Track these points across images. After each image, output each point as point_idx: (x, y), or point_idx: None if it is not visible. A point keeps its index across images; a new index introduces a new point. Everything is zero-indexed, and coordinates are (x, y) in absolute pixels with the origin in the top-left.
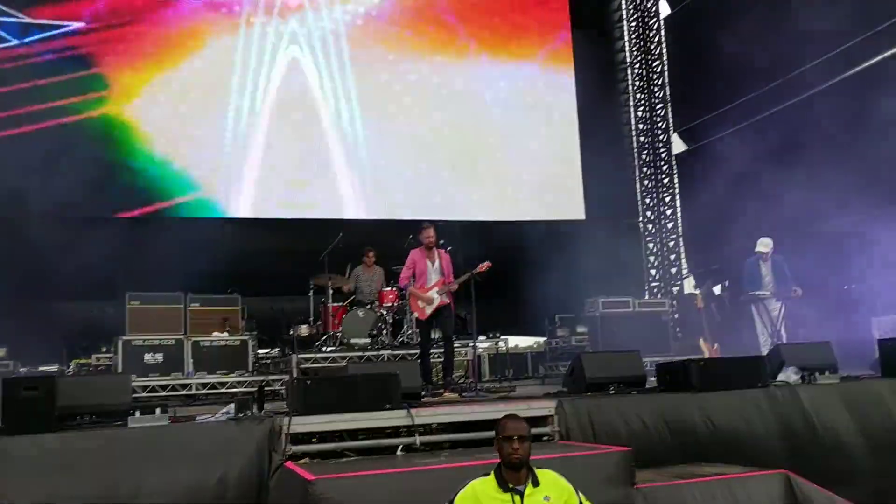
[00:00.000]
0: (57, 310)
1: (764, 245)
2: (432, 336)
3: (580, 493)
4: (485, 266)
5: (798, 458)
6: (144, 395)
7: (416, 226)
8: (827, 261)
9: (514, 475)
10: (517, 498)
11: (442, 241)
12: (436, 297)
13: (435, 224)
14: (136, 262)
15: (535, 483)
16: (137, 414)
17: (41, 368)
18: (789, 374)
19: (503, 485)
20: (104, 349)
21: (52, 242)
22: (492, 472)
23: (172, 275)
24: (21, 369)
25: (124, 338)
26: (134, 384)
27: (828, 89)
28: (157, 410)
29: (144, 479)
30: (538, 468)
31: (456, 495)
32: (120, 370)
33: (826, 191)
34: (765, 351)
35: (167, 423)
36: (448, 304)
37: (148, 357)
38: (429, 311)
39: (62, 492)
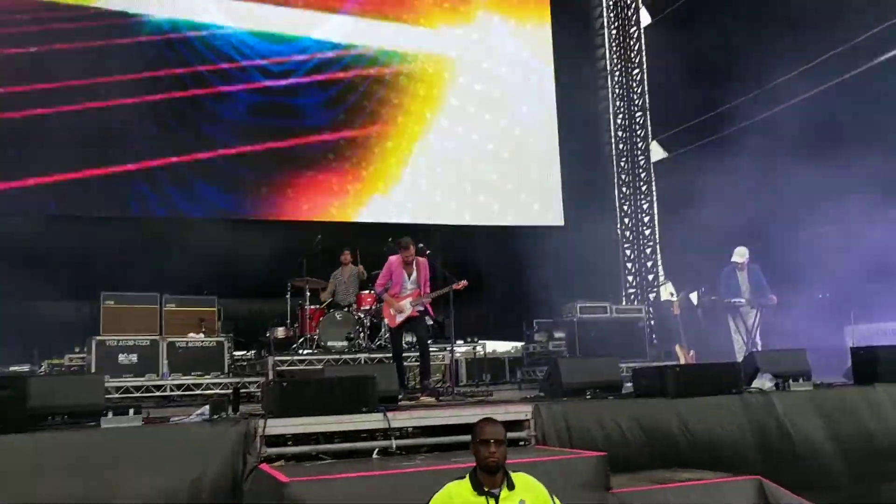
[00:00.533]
0: (30, 309)
1: (740, 255)
2: (409, 340)
3: (555, 497)
4: (461, 284)
5: (771, 464)
6: (118, 396)
7: (396, 229)
8: (802, 269)
9: (489, 479)
10: (492, 501)
11: (421, 245)
12: (408, 308)
13: (416, 242)
14: (111, 261)
15: (511, 487)
16: (110, 415)
17: (12, 368)
18: (764, 381)
19: (478, 488)
20: (77, 349)
21: (25, 240)
22: (467, 475)
23: (148, 275)
24: None
25: (98, 338)
26: (107, 385)
27: (804, 100)
28: (131, 411)
29: (117, 481)
30: (514, 472)
31: (431, 499)
32: (93, 370)
33: (802, 200)
34: (740, 358)
35: (141, 425)
36: (419, 315)
37: (122, 357)
38: (399, 319)
39: (32, 493)
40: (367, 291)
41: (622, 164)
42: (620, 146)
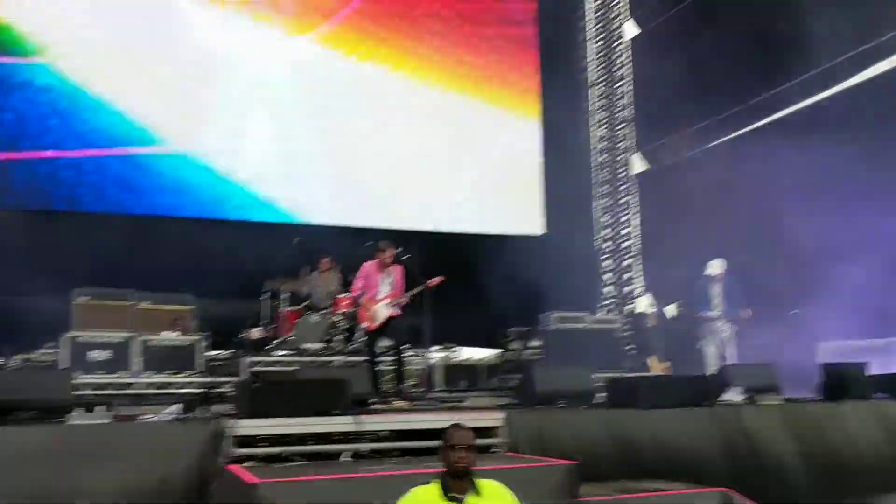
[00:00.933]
0: (2, 303)
1: (714, 267)
2: (385, 344)
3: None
4: (436, 280)
5: (739, 477)
6: (88, 392)
7: (374, 234)
8: (777, 284)
9: (457, 484)
10: None
11: (399, 249)
12: (385, 310)
13: (394, 246)
14: (85, 256)
15: (478, 492)
16: (79, 411)
17: None
18: (734, 395)
19: (446, 493)
20: (49, 344)
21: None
22: (434, 480)
23: (123, 271)
24: None
25: (69, 333)
26: (78, 381)
27: (790, 115)
28: (98, 408)
29: (82, 478)
30: (482, 478)
31: (397, 503)
32: (64, 366)
33: (781, 215)
34: (712, 371)
35: (109, 422)
36: (397, 316)
37: (94, 354)
38: (377, 322)
39: None
40: (344, 294)
41: (604, 174)
42: (602, 157)
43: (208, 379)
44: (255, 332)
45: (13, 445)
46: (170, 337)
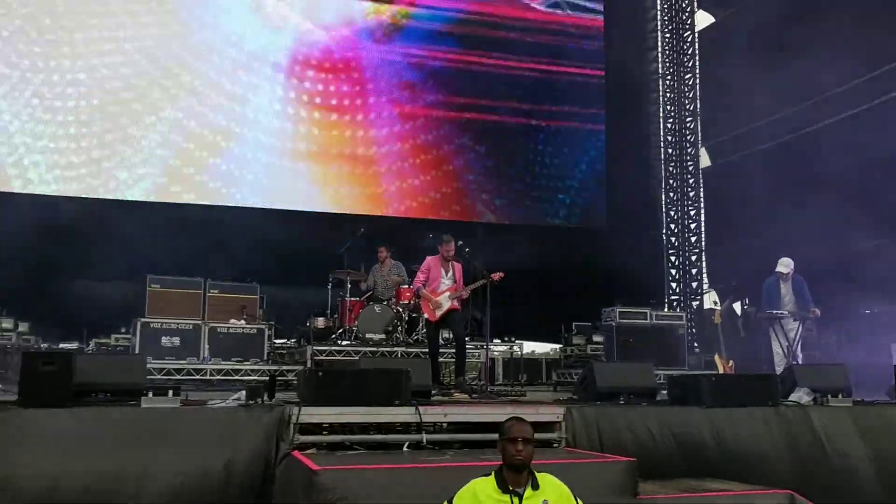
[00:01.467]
0: (81, 289)
1: (784, 265)
2: (446, 336)
3: (579, 500)
4: (498, 276)
5: (805, 479)
6: (159, 377)
7: (437, 225)
8: (849, 283)
9: (514, 477)
10: (516, 500)
11: (461, 243)
12: (446, 302)
13: (456, 240)
14: (158, 245)
15: (535, 486)
16: (150, 395)
17: (62, 345)
18: (801, 395)
19: (503, 486)
20: (123, 330)
21: (78, 223)
22: (493, 472)
23: (193, 260)
24: (42, 345)
25: (143, 319)
26: (149, 366)
27: (861, 112)
28: (170, 393)
29: (152, 459)
30: (539, 472)
31: (456, 494)
32: (137, 351)
33: (851, 213)
34: (780, 370)
35: (178, 406)
36: (458, 309)
37: (165, 340)
38: (438, 313)
39: (71, 466)
40: (406, 286)
41: (670, 169)
42: (669, 151)
43: (273, 367)
44: (320, 321)
45: (90, 426)
46: (237, 325)
